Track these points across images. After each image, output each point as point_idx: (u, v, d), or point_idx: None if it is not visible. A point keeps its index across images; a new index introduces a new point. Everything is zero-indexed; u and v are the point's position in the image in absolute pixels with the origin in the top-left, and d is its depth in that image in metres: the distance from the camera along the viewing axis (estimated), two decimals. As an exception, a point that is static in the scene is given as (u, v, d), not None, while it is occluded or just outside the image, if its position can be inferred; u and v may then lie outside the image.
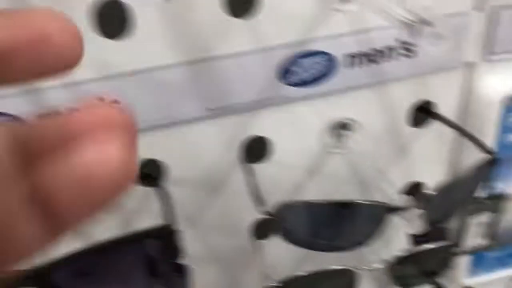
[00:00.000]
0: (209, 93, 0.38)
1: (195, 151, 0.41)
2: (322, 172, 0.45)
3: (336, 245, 0.36)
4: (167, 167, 0.41)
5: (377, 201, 0.34)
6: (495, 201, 0.41)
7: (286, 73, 0.39)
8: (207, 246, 0.47)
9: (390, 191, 0.46)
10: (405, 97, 0.44)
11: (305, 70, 0.39)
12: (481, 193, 0.40)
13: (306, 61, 0.38)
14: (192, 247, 0.46)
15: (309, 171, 0.45)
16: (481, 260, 0.55)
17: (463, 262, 0.53)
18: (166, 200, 0.36)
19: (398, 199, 0.45)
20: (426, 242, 0.46)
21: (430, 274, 0.45)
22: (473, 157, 0.47)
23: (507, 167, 0.48)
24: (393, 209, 0.34)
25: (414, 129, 0.46)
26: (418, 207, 0.34)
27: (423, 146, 0.47)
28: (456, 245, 0.43)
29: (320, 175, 0.45)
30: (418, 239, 0.52)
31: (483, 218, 0.43)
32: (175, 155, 0.41)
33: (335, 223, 0.35)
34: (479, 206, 0.40)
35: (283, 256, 0.49)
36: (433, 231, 0.51)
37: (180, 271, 0.36)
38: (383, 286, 0.41)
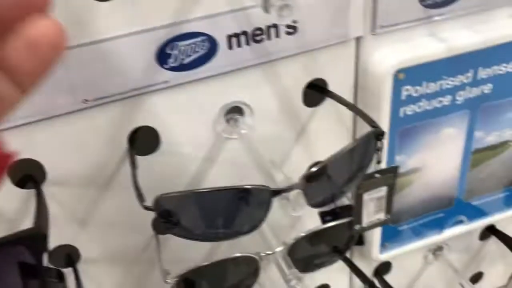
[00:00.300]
0: (84, 83, 0.36)
1: (77, 146, 0.38)
2: (219, 159, 0.44)
3: (226, 232, 0.35)
4: (46, 166, 0.38)
5: (261, 185, 0.33)
6: (389, 175, 0.41)
7: (165, 57, 0.37)
8: (105, 246, 0.44)
9: (292, 174, 0.45)
10: (297, 76, 0.43)
11: (184, 53, 0.37)
12: (375, 167, 0.40)
13: (185, 44, 0.37)
14: (89, 248, 0.44)
15: (205, 159, 0.43)
16: (396, 233, 0.56)
17: (375, 237, 0.54)
18: (39, 202, 0.33)
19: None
20: (332, 220, 0.45)
21: (332, 252, 0.45)
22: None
23: (404, 140, 0.48)
24: (277, 192, 0.33)
25: (312, 109, 0.45)
26: (302, 187, 0.33)
27: (322, 125, 0.46)
28: (355, 221, 0.43)
29: (217, 163, 0.44)
30: (324, 217, 0.52)
31: (381, 192, 0.43)
32: (55, 153, 0.38)
33: (220, 210, 0.34)
34: (373, 180, 0.40)
35: (190, 248, 0.48)
36: (340, 209, 0.51)
37: (53, 275, 0.33)
38: (288, 270, 0.41)
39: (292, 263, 0.41)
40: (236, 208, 0.34)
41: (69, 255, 0.44)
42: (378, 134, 0.37)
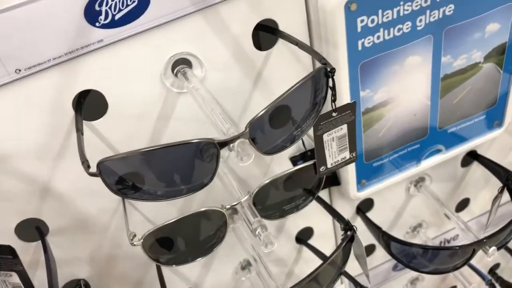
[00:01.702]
0: (12, 53, 0.34)
1: (19, 119, 0.37)
2: (174, 116, 0.42)
3: (180, 189, 0.34)
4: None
5: (205, 138, 0.32)
6: (347, 113, 0.39)
7: (95, 15, 0.35)
8: (71, 216, 0.44)
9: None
10: (244, 19, 0.40)
11: (115, 8, 0.35)
12: (332, 106, 0.39)
13: (113, -3, 0.34)
14: (55, 220, 0.44)
15: (159, 118, 0.42)
16: (373, 169, 0.55)
17: (350, 176, 0.53)
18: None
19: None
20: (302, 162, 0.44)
21: (303, 196, 0.44)
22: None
23: (367, 74, 0.46)
24: (223, 143, 0.32)
25: (265, 52, 0.43)
26: (247, 136, 0.32)
27: (279, 68, 0.44)
28: (320, 163, 0.42)
29: (173, 120, 0.42)
30: (295, 162, 0.52)
31: (342, 131, 0.41)
32: (-2, 128, 0.37)
33: (167, 168, 0.33)
34: (331, 120, 0.39)
35: (161, 211, 0.48)
36: (310, 152, 0.50)
37: (6, 252, 0.33)
38: (253, 218, 0.40)
39: (257, 211, 0.40)
40: (185, 163, 0.33)
41: (39, 228, 0.44)
42: (327, 71, 0.35)
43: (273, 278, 0.47)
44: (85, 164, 0.33)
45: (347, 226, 0.47)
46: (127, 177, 0.33)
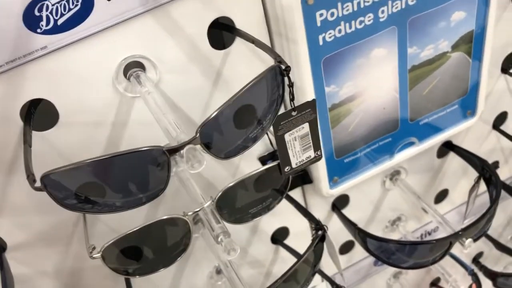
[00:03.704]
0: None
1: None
2: (130, 121, 0.41)
3: (133, 199, 0.33)
4: None
5: (154, 145, 0.31)
6: (307, 111, 0.38)
7: (35, 21, 0.33)
8: (30, 230, 0.42)
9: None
10: (198, 18, 0.39)
11: (56, 13, 0.33)
12: (291, 105, 0.37)
13: (54, 1, 0.33)
14: (12, 235, 0.42)
15: (114, 124, 0.40)
16: (344, 165, 0.54)
17: (321, 174, 0.52)
18: None
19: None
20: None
21: (271, 197, 0.43)
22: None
23: (331, 69, 0.45)
24: (173, 150, 0.31)
25: (223, 51, 0.42)
26: (198, 142, 0.30)
27: (238, 67, 0.43)
28: (284, 163, 0.40)
29: (129, 126, 0.41)
30: (264, 162, 0.50)
31: (303, 130, 0.40)
32: None
33: (117, 177, 0.31)
34: (291, 119, 0.38)
35: (124, 220, 0.46)
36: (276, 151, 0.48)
37: None
38: (216, 225, 0.39)
39: (222, 216, 0.39)
40: (137, 172, 0.32)
41: (-3, 245, 0.42)
42: (281, 69, 0.34)
43: (244, 283, 0.46)
44: (30, 178, 0.31)
45: (318, 226, 0.46)
46: (77, 190, 0.31)
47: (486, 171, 0.60)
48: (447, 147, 0.64)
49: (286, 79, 0.35)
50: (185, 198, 0.47)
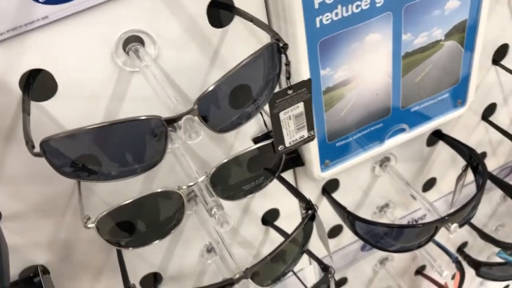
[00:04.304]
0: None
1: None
2: (128, 96, 0.41)
3: (130, 168, 0.34)
4: None
5: (152, 115, 0.31)
6: (302, 91, 0.39)
7: (37, -10, 0.33)
8: (26, 200, 0.43)
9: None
10: (197, -5, 0.40)
11: (58, -18, 0.34)
12: (287, 83, 0.38)
13: (56, -29, 0.33)
14: (8, 205, 0.43)
15: (112, 98, 0.41)
16: (336, 149, 0.55)
17: (313, 156, 0.53)
18: None
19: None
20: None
21: (263, 175, 0.44)
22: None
23: (327, 52, 0.46)
24: (170, 120, 0.31)
25: (221, 30, 0.42)
26: (196, 113, 0.31)
27: (236, 46, 0.44)
28: (277, 142, 0.41)
29: (127, 100, 0.41)
30: (257, 142, 0.51)
31: (298, 109, 0.41)
32: None
33: (116, 146, 0.32)
34: (286, 98, 0.38)
35: (119, 192, 0.47)
36: (270, 132, 0.49)
37: None
38: (210, 198, 0.40)
39: (215, 192, 0.40)
40: (134, 141, 0.32)
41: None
42: (279, 47, 0.34)
43: (235, 260, 0.47)
44: (29, 144, 0.32)
45: (308, 205, 0.47)
46: (74, 157, 0.32)
47: (473, 159, 0.61)
48: (437, 136, 0.65)
49: (283, 57, 0.35)
50: (181, 175, 0.48)
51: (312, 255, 0.54)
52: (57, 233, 0.46)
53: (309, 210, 0.47)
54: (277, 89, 0.38)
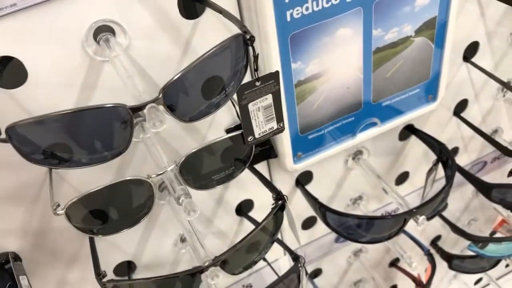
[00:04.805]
0: None
1: None
2: (99, 85, 0.42)
3: (96, 156, 0.34)
4: None
5: (118, 103, 0.32)
6: (271, 83, 0.40)
7: (6, -22, 0.34)
8: (-4, 187, 0.43)
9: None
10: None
11: (27, -29, 0.34)
12: (255, 75, 0.39)
13: (25, -40, 0.33)
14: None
15: (83, 87, 0.41)
16: (308, 142, 0.56)
17: (286, 149, 0.54)
18: None
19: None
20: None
21: (234, 166, 0.45)
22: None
23: (298, 45, 0.47)
24: (135, 108, 0.32)
25: (193, 21, 0.43)
26: (161, 102, 0.32)
27: (208, 37, 0.44)
28: (247, 133, 0.42)
29: (98, 89, 0.42)
30: (229, 131, 0.52)
31: (267, 101, 0.42)
32: None
33: (85, 132, 0.33)
34: (255, 89, 0.39)
35: (90, 182, 0.47)
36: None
37: None
38: (180, 186, 0.40)
39: (184, 181, 0.40)
40: (101, 129, 0.33)
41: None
42: (246, 38, 0.35)
43: (206, 249, 0.48)
44: (-5, 130, 0.32)
45: (278, 196, 0.48)
46: (41, 143, 0.32)
47: (443, 154, 0.63)
48: (409, 130, 0.66)
49: (250, 49, 0.36)
50: (153, 165, 0.49)
51: (282, 244, 0.55)
52: (29, 221, 0.46)
53: (279, 200, 0.48)
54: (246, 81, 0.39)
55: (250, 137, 0.43)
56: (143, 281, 0.43)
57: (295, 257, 0.53)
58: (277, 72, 0.39)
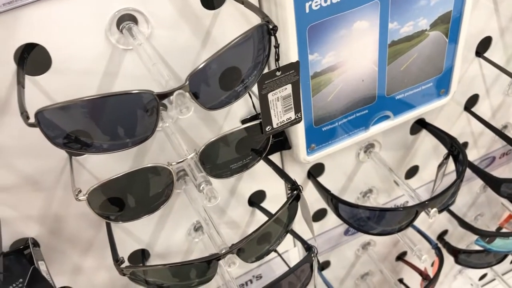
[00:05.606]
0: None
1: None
2: (121, 72, 0.42)
3: (121, 142, 0.35)
4: None
5: (144, 90, 0.32)
6: (291, 73, 0.40)
7: (34, -35, 0.34)
8: (18, 174, 0.44)
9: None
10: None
11: (55, -41, 0.34)
12: (276, 65, 0.39)
13: None
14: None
15: (105, 74, 0.42)
16: (322, 134, 0.56)
17: (300, 140, 0.55)
18: None
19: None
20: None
21: (250, 156, 0.45)
22: (279, 32, 0.46)
23: (315, 37, 0.47)
24: (163, 95, 0.33)
25: (213, 11, 0.44)
26: (187, 89, 0.32)
27: (228, 28, 0.45)
28: (265, 123, 0.43)
29: (119, 77, 0.42)
30: (244, 122, 0.52)
31: (286, 91, 0.42)
32: None
33: (110, 119, 0.33)
34: (275, 79, 0.40)
35: (112, 168, 0.48)
36: (258, 115, 0.51)
37: None
38: (199, 174, 0.41)
39: (204, 169, 0.41)
40: (127, 115, 0.33)
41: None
42: (269, 28, 0.36)
43: (222, 237, 0.48)
44: (24, 115, 0.33)
45: (294, 186, 0.49)
46: (68, 128, 0.33)
47: (455, 148, 0.63)
48: (420, 124, 0.67)
49: (272, 39, 0.37)
50: (171, 154, 0.50)
51: (296, 235, 0.55)
52: (48, 207, 0.47)
53: (294, 190, 0.48)
54: (266, 71, 0.39)
55: (268, 127, 0.43)
56: (160, 267, 0.44)
57: (308, 247, 0.54)
58: (297, 62, 0.39)
